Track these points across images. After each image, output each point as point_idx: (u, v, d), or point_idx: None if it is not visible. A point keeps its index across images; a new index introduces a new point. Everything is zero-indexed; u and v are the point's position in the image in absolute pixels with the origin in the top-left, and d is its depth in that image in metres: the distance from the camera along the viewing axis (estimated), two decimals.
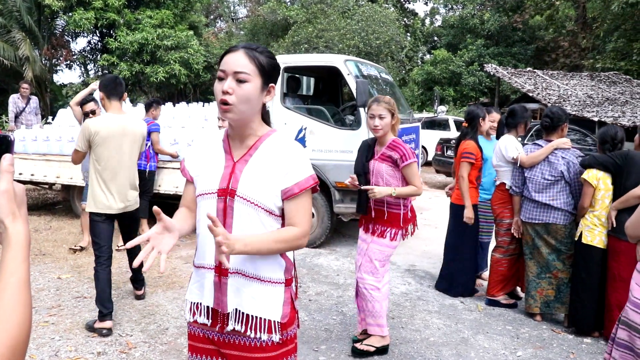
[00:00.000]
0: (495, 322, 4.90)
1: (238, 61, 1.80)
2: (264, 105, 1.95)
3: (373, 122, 3.96)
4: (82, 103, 6.09)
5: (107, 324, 4.43)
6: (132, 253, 4.86)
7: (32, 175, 8.81)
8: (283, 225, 1.95)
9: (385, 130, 3.96)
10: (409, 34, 34.19)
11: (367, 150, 4.14)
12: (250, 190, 1.85)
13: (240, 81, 1.79)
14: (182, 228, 1.92)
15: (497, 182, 5.31)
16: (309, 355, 4.11)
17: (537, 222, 4.82)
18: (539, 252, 4.88)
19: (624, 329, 2.43)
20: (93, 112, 5.96)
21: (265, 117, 2.00)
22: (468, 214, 5.24)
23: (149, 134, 7.19)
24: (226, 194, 1.87)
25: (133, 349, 4.15)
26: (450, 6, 36.69)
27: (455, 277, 5.55)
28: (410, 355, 4.18)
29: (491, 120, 5.85)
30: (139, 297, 5.25)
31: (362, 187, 3.98)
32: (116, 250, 6.51)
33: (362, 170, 4.08)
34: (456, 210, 5.51)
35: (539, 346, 4.41)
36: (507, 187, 5.16)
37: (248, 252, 1.78)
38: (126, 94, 4.87)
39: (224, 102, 1.79)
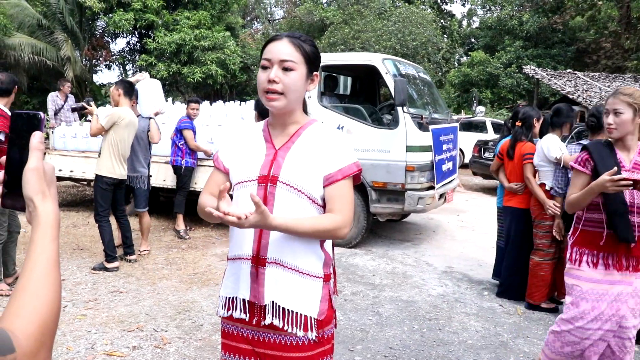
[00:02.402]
0: (535, 327, 4.77)
1: (283, 49, 1.78)
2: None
3: (606, 119, 3.10)
4: None
5: (116, 264, 5.99)
6: (123, 227, 6.29)
7: (71, 171, 8.95)
8: None
9: (622, 130, 3.05)
10: (445, 36, 33.84)
11: (604, 159, 3.09)
12: (293, 176, 1.81)
13: (286, 69, 1.77)
14: None
15: (537, 183, 5.16)
16: (344, 355, 4.05)
17: None
18: None
19: None
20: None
21: (304, 107, 1.99)
22: (550, 205, 4.93)
23: (181, 131, 7.39)
24: (267, 181, 1.82)
25: (168, 344, 4.15)
26: (488, 7, 36.29)
27: (522, 283, 5.35)
28: (448, 357, 4.08)
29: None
30: (130, 261, 6.30)
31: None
32: (139, 253, 6.59)
33: None
34: (519, 215, 5.36)
35: None
36: (547, 187, 5.01)
37: (282, 226, 1.70)
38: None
39: (270, 91, 1.77)
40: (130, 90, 6.11)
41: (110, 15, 20.26)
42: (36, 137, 0.95)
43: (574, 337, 3.21)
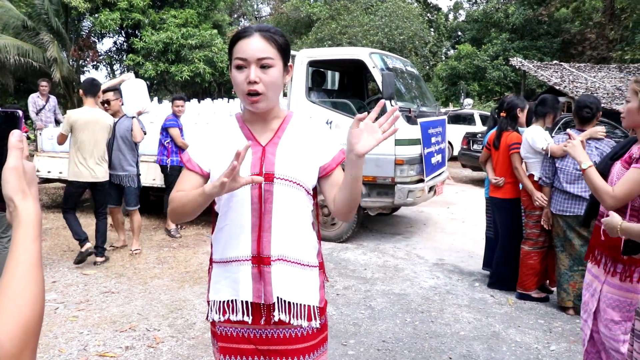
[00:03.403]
0: (526, 316, 4.80)
1: (258, 46, 1.70)
2: None
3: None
4: (105, 91, 6.51)
5: (88, 245, 6.06)
6: (97, 227, 6.24)
7: (60, 173, 8.90)
8: (315, 205, 1.93)
9: (629, 119, 2.81)
10: (432, 29, 33.91)
11: (622, 148, 2.94)
12: (289, 170, 1.79)
13: (264, 67, 1.71)
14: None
15: (526, 174, 5.20)
16: (337, 350, 4.06)
17: (568, 214, 4.69)
18: (570, 245, 4.74)
19: (638, 319, 2.34)
20: (107, 102, 6.45)
21: None
22: (537, 196, 4.97)
23: (166, 129, 7.36)
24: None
25: (161, 343, 4.14)
26: (474, 0, 36.35)
27: (513, 273, 5.40)
28: (441, 349, 4.11)
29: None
30: (96, 263, 6.19)
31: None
32: (130, 253, 6.67)
33: (602, 169, 2.89)
34: (504, 205, 5.42)
35: (573, 340, 4.30)
36: (535, 178, 5.04)
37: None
38: (100, 92, 6.22)
39: (253, 93, 1.72)
40: (90, 89, 6.09)
41: (96, 15, 20.10)
42: (15, 136, 0.92)
43: None
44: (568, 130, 4.85)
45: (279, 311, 1.82)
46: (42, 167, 8.91)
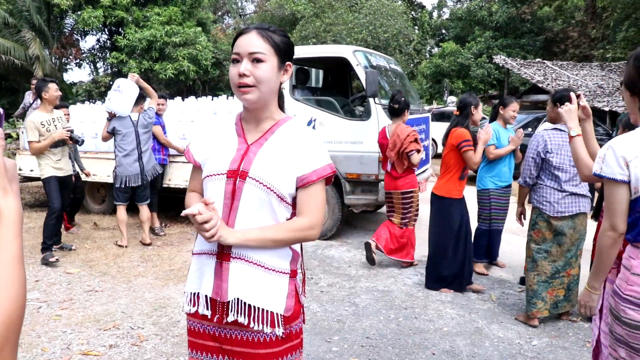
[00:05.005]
0: (509, 312, 4.85)
1: (252, 42, 1.76)
2: (280, 90, 1.91)
3: None
4: None
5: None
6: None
7: None
8: (294, 215, 1.88)
9: None
10: (416, 27, 34.06)
11: None
12: (263, 172, 1.78)
13: (256, 61, 1.75)
14: None
15: None
16: (321, 346, 4.08)
17: (567, 214, 4.38)
18: (558, 250, 4.46)
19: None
20: None
21: (281, 102, 1.95)
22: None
23: None
24: (236, 175, 1.79)
25: (145, 341, 4.14)
26: None
27: (441, 272, 5.38)
28: (424, 345, 4.14)
29: (512, 109, 5.82)
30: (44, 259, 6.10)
31: None
32: (117, 245, 6.83)
33: None
34: (437, 201, 5.43)
35: (555, 335, 4.35)
36: None
37: (246, 243, 1.76)
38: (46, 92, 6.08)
39: (242, 85, 1.75)
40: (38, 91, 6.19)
41: (79, 12, 20.00)
42: None
43: None
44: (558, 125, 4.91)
45: (235, 312, 1.81)
46: (25, 166, 8.84)
